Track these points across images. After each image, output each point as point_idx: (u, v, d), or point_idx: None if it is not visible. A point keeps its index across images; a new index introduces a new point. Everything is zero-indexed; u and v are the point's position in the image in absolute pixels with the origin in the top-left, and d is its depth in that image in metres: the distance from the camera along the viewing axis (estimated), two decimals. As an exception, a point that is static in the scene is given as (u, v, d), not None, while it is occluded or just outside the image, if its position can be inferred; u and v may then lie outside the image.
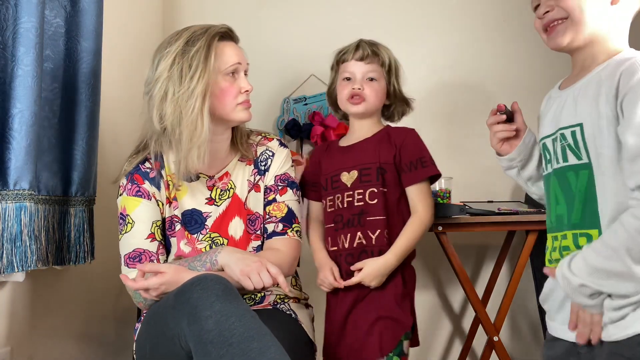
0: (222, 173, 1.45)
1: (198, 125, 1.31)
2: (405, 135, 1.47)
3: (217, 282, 1.10)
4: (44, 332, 1.59)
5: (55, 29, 1.53)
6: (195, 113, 1.30)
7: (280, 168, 1.47)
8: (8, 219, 1.34)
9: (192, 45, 1.33)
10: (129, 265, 1.36)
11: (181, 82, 1.31)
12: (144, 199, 1.39)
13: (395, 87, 1.52)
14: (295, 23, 2.26)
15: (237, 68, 1.39)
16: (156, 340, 1.21)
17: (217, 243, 1.40)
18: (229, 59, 1.37)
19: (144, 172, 1.41)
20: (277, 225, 1.42)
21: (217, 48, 1.35)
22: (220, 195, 1.43)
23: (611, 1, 1.08)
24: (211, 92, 1.33)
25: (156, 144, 1.39)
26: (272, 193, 1.44)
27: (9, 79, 1.35)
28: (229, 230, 1.41)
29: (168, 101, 1.32)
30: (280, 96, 2.22)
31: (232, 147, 1.48)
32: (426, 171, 1.44)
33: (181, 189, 1.42)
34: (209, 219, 1.41)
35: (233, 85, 1.38)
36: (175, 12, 2.32)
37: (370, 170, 1.45)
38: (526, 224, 1.72)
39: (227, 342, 1.02)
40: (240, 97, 1.39)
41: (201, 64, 1.31)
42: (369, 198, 1.44)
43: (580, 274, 0.99)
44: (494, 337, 1.77)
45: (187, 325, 1.07)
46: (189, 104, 1.30)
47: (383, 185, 1.44)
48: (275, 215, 1.43)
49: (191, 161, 1.32)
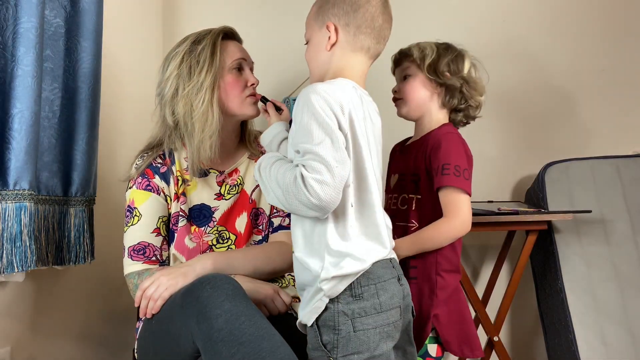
0: (231, 169, 1.48)
1: (209, 116, 1.36)
2: (440, 139, 1.36)
3: (227, 282, 1.11)
4: (44, 332, 1.59)
5: (55, 29, 1.53)
6: (205, 105, 1.36)
7: None
8: (8, 219, 1.34)
9: (198, 44, 1.39)
10: (132, 257, 1.37)
11: (190, 77, 1.37)
12: (153, 193, 1.40)
13: (434, 73, 1.40)
14: (296, 23, 2.25)
15: (242, 63, 1.44)
16: (160, 339, 1.21)
17: (223, 237, 1.42)
18: (234, 54, 1.43)
19: (155, 167, 1.43)
20: (284, 219, 1.46)
21: (222, 45, 1.42)
22: (228, 191, 1.46)
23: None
24: (218, 87, 1.39)
25: (169, 140, 1.43)
26: None
27: (9, 79, 1.35)
28: (237, 226, 1.43)
29: (179, 97, 1.38)
30: (280, 96, 2.22)
31: (242, 145, 1.53)
32: (442, 180, 1.31)
33: (191, 184, 1.44)
34: (217, 212, 1.44)
35: (239, 79, 1.43)
36: (175, 12, 2.32)
37: (405, 177, 1.44)
38: (526, 224, 1.72)
39: (238, 341, 1.03)
40: (247, 91, 1.43)
41: (208, 58, 1.38)
42: (401, 203, 1.43)
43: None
44: (494, 337, 1.77)
45: (196, 324, 1.07)
46: (199, 96, 1.36)
47: (416, 192, 1.39)
48: (283, 210, 1.45)
49: (203, 151, 1.37)
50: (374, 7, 1.16)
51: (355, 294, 1.06)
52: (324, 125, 1.03)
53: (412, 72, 1.44)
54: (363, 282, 1.07)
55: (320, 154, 1.00)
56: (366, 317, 1.06)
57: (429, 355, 1.36)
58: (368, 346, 1.05)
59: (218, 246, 1.41)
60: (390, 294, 1.09)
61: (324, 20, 1.18)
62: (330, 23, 1.16)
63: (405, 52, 1.47)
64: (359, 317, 1.06)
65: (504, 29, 2.16)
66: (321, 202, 0.99)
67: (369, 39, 1.17)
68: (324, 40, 1.17)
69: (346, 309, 1.06)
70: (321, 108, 1.04)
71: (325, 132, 1.02)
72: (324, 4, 1.19)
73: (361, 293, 1.06)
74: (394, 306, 1.10)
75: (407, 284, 1.16)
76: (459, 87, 1.41)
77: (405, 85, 1.45)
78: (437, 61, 1.41)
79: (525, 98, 2.14)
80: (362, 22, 1.16)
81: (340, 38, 1.16)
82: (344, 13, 1.16)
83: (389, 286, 1.09)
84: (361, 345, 1.05)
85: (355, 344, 1.05)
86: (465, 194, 1.33)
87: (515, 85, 2.10)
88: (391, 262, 1.13)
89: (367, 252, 1.08)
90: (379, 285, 1.08)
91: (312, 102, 1.04)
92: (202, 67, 1.37)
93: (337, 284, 1.05)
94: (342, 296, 1.06)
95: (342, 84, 1.12)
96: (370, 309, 1.06)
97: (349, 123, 1.07)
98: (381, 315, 1.07)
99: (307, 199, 0.99)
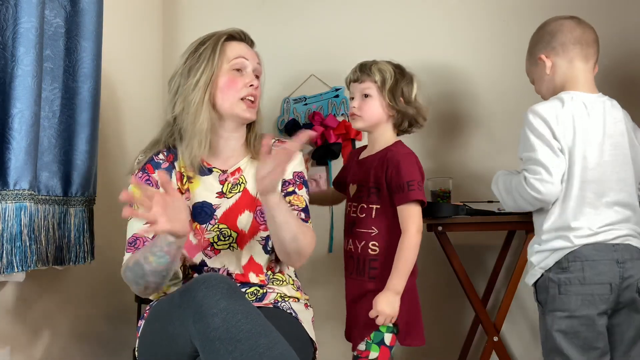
0: (234, 168, 1.47)
1: (197, 115, 1.38)
2: (400, 158, 1.54)
3: (222, 281, 1.11)
4: (44, 332, 1.59)
5: (55, 29, 1.53)
6: (196, 104, 1.38)
7: (297, 167, 1.50)
8: (8, 219, 1.34)
9: (202, 44, 1.42)
10: (127, 250, 1.36)
11: (188, 76, 1.40)
12: (152, 187, 1.37)
13: (392, 99, 1.58)
14: (296, 23, 2.26)
15: (244, 64, 1.43)
16: (159, 339, 1.21)
17: (225, 235, 1.41)
18: (233, 53, 1.43)
19: (157, 162, 1.44)
20: (300, 213, 1.44)
21: (224, 45, 1.42)
22: (230, 189, 1.45)
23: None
24: (216, 86, 1.40)
25: (168, 135, 1.45)
26: (292, 186, 1.47)
27: (9, 79, 1.35)
28: (238, 224, 1.43)
29: (178, 94, 1.41)
30: (280, 96, 2.22)
31: (246, 146, 1.52)
32: (409, 195, 1.50)
33: (194, 182, 1.44)
34: (218, 210, 1.43)
35: (237, 79, 1.42)
36: (175, 12, 2.32)
37: (364, 187, 1.59)
38: (526, 224, 1.72)
39: (235, 338, 1.03)
40: (243, 91, 1.42)
41: (206, 59, 1.40)
42: (360, 212, 1.58)
43: None
44: (494, 337, 1.77)
45: (192, 324, 1.08)
46: (192, 95, 1.38)
47: (376, 202, 1.56)
48: (297, 205, 1.44)
49: (192, 149, 1.38)
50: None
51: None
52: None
53: (372, 94, 1.58)
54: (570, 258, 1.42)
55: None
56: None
57: (384, 344, 1.51)
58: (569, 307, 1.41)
59: (219, 243, 1.41)
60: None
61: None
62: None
63: (366, 71, 1.59)
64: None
65: (505, 30, 2.16)
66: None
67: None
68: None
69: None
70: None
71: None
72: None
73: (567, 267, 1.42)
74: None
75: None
76: (410, 115, 1.60)
77: (365, 104, 1.59)
78: (394, 87, 1.58)
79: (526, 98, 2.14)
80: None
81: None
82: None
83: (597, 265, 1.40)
84: (563, 305, 1.42)
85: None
86: (420, 205, 1.52)
87: (516, 85, 2.10)
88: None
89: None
90: (586, 263, 1.40)
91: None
92: (199, 67, 1.39)
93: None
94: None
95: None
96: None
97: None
98: (584, 287, 1.40)
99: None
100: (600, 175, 1.44)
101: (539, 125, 1.45)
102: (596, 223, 1.42)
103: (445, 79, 2.16)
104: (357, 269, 1.58)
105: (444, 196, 1.82)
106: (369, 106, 1.59)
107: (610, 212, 1.43)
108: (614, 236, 1.42)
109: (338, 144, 2.13)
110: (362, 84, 1.59)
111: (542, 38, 1.56)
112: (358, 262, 1.57)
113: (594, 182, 1.43)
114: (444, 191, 1.81)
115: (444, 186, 1.83)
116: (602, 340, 1.42)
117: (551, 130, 1.44)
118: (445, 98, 2.14)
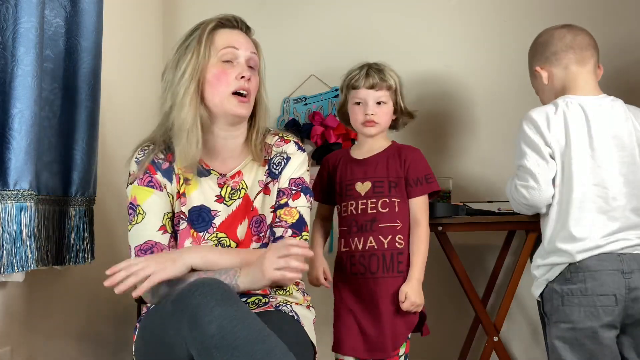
0: (234, 172, 1.40)
1: (183, 109, 1.29)
2: (413, 153, 1.63)
3: (216, 287, 1.08)
4: (43, 332, 1.59)
5: (55, 29, 1.53)
6: (181, 97, 1.29)
7: (296, 172, 1.41)
8: (8, 219, 1.34)
9: (190, 35, 1.34)
10: (137, 256, 1.31)
11: (176, 69, 1.32)
12: (155, 189, 1.34)
13: (402, 105, 1.65)
14: (296, 23, 2.26)
15: (234, 54, 1.33)
16: (155, 347, 1.19)
17: (223, 244, 1.36)
18: (222, 42, 1.33)
19: (157, 162, 1.36)
20: (287, 230, 1.36)
21: (212, 34, 1.33)
22: (230, 195, 1.38)
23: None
24: (205, 79, 1.31)
25: (163, 132, 1.37)
26: (285, 197, 1.39)
27: (9, 79, 1.35)
28: (238, 234, 1.37)
29: (167, 88, 1.34)
30: (280, 96, 2.22)
31: (247, 147, 1.43)
32: (431, 186, 1.59)
33: (191, 184, 1.37)
34: (217, 218, 1.36)
35: (227, 71, 1.32)
36: (175, 11, 2.32)
37: (383, 183, 1.60)
38: (526, 224, 1.72)
39: (232, 345, 1.01)
40: (234, 84, 1.31)
41: (193, 48, 1.31)
42: (381, 207, 1.58)
43: None
44: (494, 337, 1.77)
45: (188, 332, 1.05)
46: (178, 88, 1.30)
47: (396, 196, 1.59)
48: (286, 220, 1.37)
49: (183, 147, 1.30)
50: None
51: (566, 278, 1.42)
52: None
53: (387, 100, 1.62)
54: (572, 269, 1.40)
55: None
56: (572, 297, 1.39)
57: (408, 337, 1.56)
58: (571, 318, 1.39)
59: None
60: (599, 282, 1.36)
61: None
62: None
63: (384, 78, 1.61)
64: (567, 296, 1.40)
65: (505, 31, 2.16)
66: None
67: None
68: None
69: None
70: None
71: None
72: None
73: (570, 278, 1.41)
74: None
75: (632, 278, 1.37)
76: (406, 116, 1.68)
77: (381, 110, 1.62)
78: (401, 93, 1.65)
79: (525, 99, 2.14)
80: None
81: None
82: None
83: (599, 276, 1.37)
84: (565, 317, 1.40)
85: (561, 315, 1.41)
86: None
87: (515, 86, 2.10)
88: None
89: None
90: (588, 274, 1.38)
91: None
92: (186, 57, 1.30)
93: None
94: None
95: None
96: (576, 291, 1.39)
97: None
98: (587, 298, 1.37)
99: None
100: (604, 178, 1.40)
101: (529, 132, 1.46)
102: (602, 231, 1.38)
103: (445, 79, 2.16)
104: (384, 266, 1.55)
105: (443, 196, 1.82)
106: (384, 112, 1.62)
107: (620, 217, 1.39)
108: (621, 246, 1.37)
109: (338, 144, 2.13)
110: (379, 91, 1.60)
111: (536, 51, 1.59)
112: (384, 259, 1.55)
113: (598, 186, 1.39)
114: (444, 191, 1.81)
115: (444, 186, 1.83)
116: (608, 355, 1.36)
117: (542, 136, 1.44)
118: (445, 98, 2.14)
